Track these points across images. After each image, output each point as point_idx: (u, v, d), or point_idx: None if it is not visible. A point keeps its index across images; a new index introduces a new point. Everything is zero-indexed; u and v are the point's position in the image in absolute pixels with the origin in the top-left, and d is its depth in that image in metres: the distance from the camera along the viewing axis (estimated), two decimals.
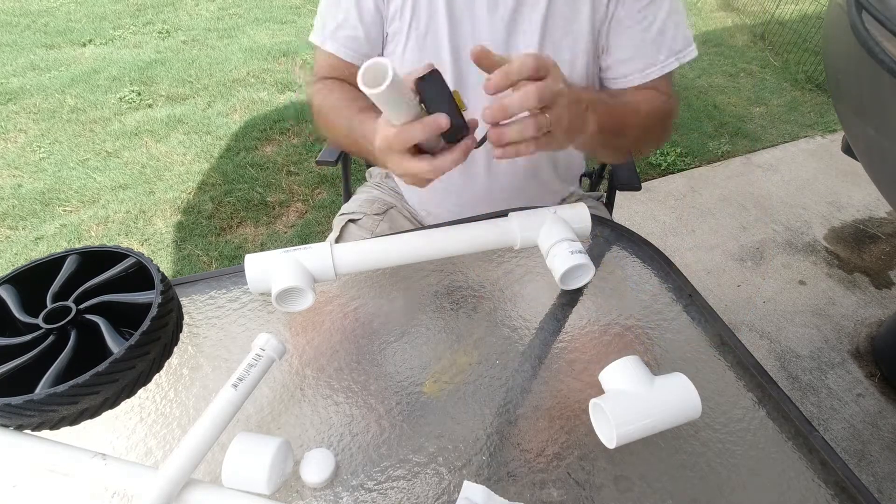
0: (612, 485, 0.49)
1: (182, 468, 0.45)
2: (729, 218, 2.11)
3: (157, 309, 0.54)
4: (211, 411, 0.48)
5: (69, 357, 0.52)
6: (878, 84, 0.99)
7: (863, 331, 1.69)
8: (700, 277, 1.84)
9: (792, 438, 0.53)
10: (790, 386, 1.54)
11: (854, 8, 0.94)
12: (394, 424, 0.54)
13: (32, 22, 3.73)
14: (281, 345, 0.55)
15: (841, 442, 1.41)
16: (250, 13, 3.90)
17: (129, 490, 0.47)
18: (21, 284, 0.59)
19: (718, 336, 0.62)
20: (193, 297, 0.68)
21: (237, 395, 0.50)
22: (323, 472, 0.49)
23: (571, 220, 0.66)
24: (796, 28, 3.17)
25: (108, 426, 0.54)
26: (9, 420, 0.49)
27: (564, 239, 0.62)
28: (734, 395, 0.56)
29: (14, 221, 2.12)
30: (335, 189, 2.23)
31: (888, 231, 2.03)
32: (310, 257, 0.61)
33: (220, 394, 0.49)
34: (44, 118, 2.72)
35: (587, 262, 0.61)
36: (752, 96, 2.85)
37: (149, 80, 3.03)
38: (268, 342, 0.54)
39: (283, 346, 0.55)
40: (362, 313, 0.66)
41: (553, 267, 0.62)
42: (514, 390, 0.57)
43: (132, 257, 0.60)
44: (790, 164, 2.38)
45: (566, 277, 0.62)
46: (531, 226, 0.66)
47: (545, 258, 0.64)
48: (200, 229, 2.07)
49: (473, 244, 0.66)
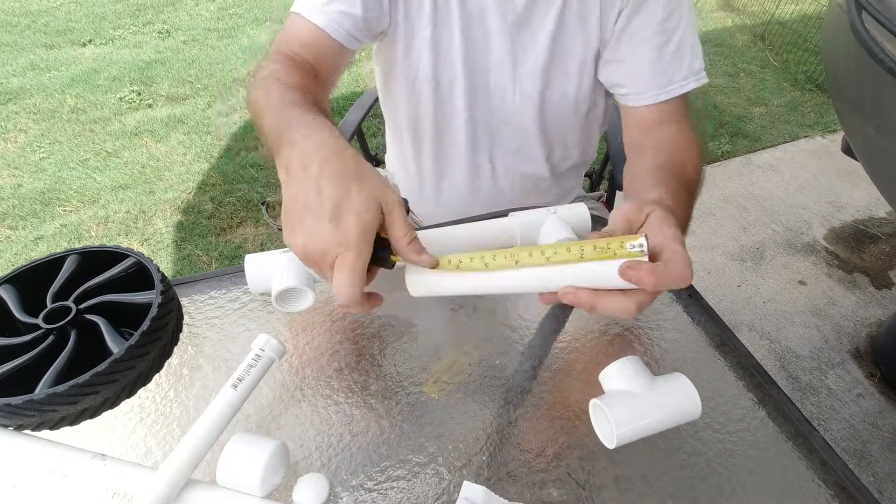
0: (612, 485, 0.49)
1: (181, 469, 0.45)
2: (729, 218, 2.11)
3: (157, 309, 0.54)
4: (210, 412, 0.48)
5: (69, 357, 0.52)
6: (878, 84, 0.99)
7: (863, 331, 1.69)
8: (700, 277, 1.84)
9: (792, 438, 0.53)
10: (790, 386, 1.54)
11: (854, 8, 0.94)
12: (394, 424, 0.54)
13: (32, 22, 3.73)
14: (280, 345, 0.55)
15: (841, 442, 1.41)
16: (250, 13, 3.90)
17: (129, 490, 0.47)
18: (21, 284, 0.59)
19: (718, 336, 0.62)
20: (193, 297, 0.68)
21: (237, 396, 0.49)
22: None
23: (571, 220, 0.66)
24: (796, 28, 3.17)
25: (108, 426, 0.54)
26: (9, 420, 0.49)
27: (564, 239, 0.62)
28: (734, 395, 0.56)
29: (14, 221, 2.12)
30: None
31: (888, 231, 2.03)
32: None
33: (220, 394, 0.49)
34: (44, 118, 2.72)
35: None
36: (752, 96, 2.85)
37: (149, 80, 3.03)
38: (267, 342, 0.54)
39: (282, 346, 0.55)
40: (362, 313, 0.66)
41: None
42: (514, 390, 0.57)
43: (132, 257, 0.60)
44: (790, 164, 2.38)
45: None
46: (531, 225, 0.66)
47: None
48: (200, 229, 2.07)
49: (472, 243, 0.66)
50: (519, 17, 0.75)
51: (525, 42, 0.77)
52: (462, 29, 0.76)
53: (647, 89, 0.75)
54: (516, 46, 0.78)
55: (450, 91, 0.81)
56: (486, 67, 0.79)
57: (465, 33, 0.77)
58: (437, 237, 0.65)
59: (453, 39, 0.77)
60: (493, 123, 0.85)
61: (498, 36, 0.77)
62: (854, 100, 1.14)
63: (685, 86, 0.74)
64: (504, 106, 0.83)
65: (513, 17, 0.75)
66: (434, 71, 0.79)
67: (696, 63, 0.75)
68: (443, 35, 0.77)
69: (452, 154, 0.89)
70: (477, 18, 0.76)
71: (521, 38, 0.77)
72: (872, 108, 1.07)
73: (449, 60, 0.79)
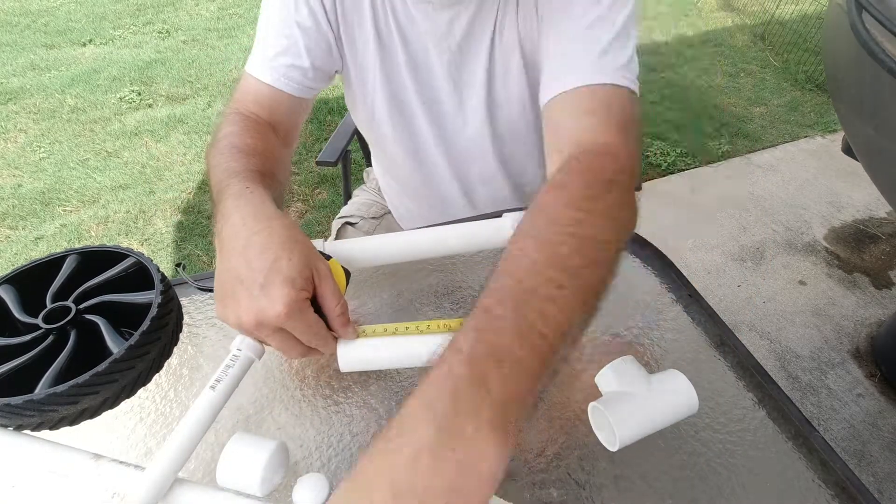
0: (612, 485, 0.49)
1: (164, 471, 0.44)
2: (729, 218, 2.11)
3: (157, 309, 0.54)
4: (189, 414, 0.47)
5: (69, 357, 0.52)
6: (878, 84, 0.99)
7: (863, 331, 1.69)
8: (700, 277, 1.84)
9: (792, 438, 0.53)
10: (790, 386, 1.54)
11: (854, 8, 0.94)
12: None
13: (32, 22, 3.73)
14: (258, 344, 0.54)
15: (841, 442, 1.41)
16: (250, 13, 3.90)
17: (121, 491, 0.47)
18: (21, 284, 0.59)
19: (718, 336, 0.62)
20: (193, 298, 0.68)
21: (216, 396, 0.48)
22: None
23: None
24: (796, 28, 3.17)
25: (107, 426, 0.54)
26: (9, 420, 0.49)
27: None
28: (734, 395, 0.56)
29: (14, 221, 2.12)
30: (335, 189, 2.23)
31: (888, 231, 2.03)
32: None
33: (200, 396, 0.49)
34: (44, 118, 2.72)
35: None
36: (752, 96, 2.85)
37: (149, 80, 3.03)
38: (244, 342, 0.53)
39: (260, 346, 0.55)
40: (362, 313, 0.66)
41: None
42: None
43: (132, 257, 0.60)
44: (790, 164, 2.38)
45: None
46: None
47: None
48: (200, 229, 2.07)
49: (464, 243, 0.66)
50: (454, 55, 0.74)
51: (465, 79, 0.76)
52: (409, 67, 0.75)
53: (556, 77, 0.62)
54: (458, 84, 0.77)
55: (411, 122, 0.81)
56: (440, 100, 0.79)
57: (412, 72, 0.76)
58: (429, 236, 0.65)
59: (403, 80, 0.76)
60: (459, 156, 0.85)
61: (441, 73, 0.76)
62: (854, 100, 1.14)
63: (605, 78, 0.59)
64: (464, 139, 0.83)
65: (448, 56, 0.74)
66: (389, 108, 0.79)
67: (619, 56, 0.61)
68: (392, 72, 0.76)
69: (428, 176, 0.89)
70: (422, 58, 0.75)
71: (461, 75, 0.76)
72: (872, 108, 1.07)
73: (405, 98, 0.78)
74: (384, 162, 0.94)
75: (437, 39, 0.72)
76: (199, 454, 0.52)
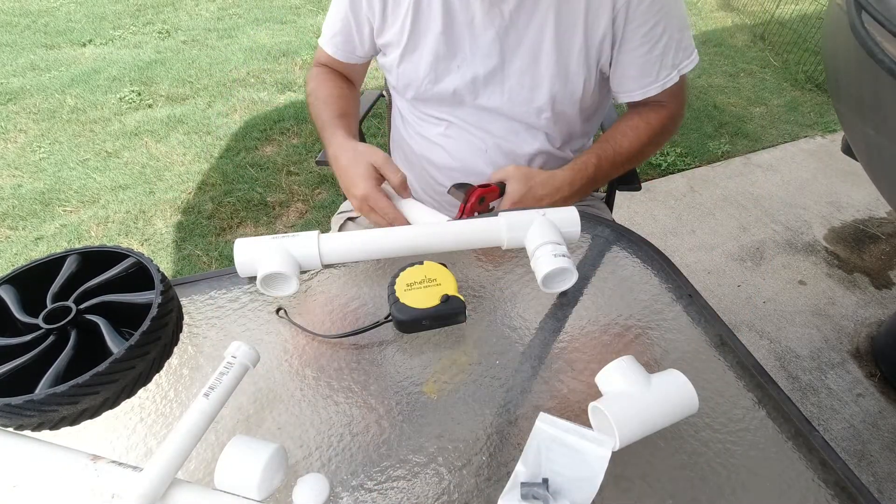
0: (612, 485, 0.49)
1: (161, 474, 0.45)
2: (729, 218, 2.11)
3: (157, 309, 0.54)
4: (183, 421, 0.48)
5: (69, 357, 0.52)
6: (878, 84, 0.99)
7: (863, 331, 1.69)
8: (700, 277, 1.84)
9: (792, 438, 0.53)
10: (790, 386, 1.54)
11: (854, 8, 0.94)
12: (394, 424, 0.54)
13: (32, 22, 3.74)
14: (253, 351, 0.54)
15: (841, 442, 1.41)
16: (250, 13, 3.90)
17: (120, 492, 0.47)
18: (21, 284, 0.59)
19: (718, 336, 0.62)
20: (193, 297, 0.68)
21: (209, 405, 0.49)
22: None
23: (560, 222, 0.66)
24: (796, 28, 3.18)
25: (108, 426, 0.54)
26: (9, 420, 0.49)
27: (549, 242, 0.63)
28: (734, 395, 0.56)
29: (14, 221, 2.12)
30: (335, 189, 2.24)
31: (888, 231, 2.03)
32: (297, 244, 0.63)
33: (193, 403, 0.49)
34: (44, 118, 2.72)
35: (569, 267, 0.61)
36: (752, 96, 2.85)
37: (149, 80, 3.04)
38: (239, 349, 0.54)
39: (255, 352, 0.55)
40: (362, 313, 0.66)
41: (536, 269, 0.63)
42: (514, 390, 0.57)
43: (132, 257, 0.60)
44: (790, 164, 2.38)
45: (548, 281, 0.62)
46: (519, 226, 0.66)
47: (530, 260, 0.64)
48: (200, 229, 2.07)
49: (460, 241, 0.66)
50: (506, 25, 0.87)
51: (512, 44, 0.88)
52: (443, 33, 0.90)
53: (633, 89, 0.91)
54: (504, 48, 0.88)
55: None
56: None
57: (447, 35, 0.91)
58: (425, 232, 0.65)
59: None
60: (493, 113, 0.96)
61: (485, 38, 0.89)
62: (854, 100, 1.14)
63: (666, 82, 0.89)
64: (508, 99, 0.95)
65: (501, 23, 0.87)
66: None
67: (677, 59, 0.88)
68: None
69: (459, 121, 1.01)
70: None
71: (507, 41, 0.88)
72: (872, 108, 1.07)
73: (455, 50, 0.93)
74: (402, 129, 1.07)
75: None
76: (199, 454, 0.52)
